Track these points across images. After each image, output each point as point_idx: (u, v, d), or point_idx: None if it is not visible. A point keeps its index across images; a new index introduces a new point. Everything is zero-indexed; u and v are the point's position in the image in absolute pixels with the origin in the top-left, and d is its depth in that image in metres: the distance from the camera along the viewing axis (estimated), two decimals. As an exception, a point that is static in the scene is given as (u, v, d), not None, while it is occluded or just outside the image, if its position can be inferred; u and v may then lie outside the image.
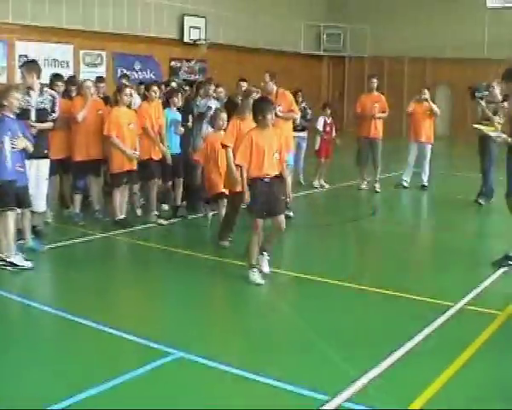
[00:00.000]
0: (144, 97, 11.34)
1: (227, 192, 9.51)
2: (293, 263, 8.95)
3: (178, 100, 11.05)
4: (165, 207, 11.63)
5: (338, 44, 30.92)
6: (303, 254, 9.56)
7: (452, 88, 27.63)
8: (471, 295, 7.14)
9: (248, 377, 5.06)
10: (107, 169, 10.90)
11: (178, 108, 11.16)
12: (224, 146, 8.85)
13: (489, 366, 5.46)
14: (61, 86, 10.57)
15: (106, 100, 11.45)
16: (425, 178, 14.87)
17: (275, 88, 10.56)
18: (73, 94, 10.91)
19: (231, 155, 8.54)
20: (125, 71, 20.41)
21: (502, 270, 8.24)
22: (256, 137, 7.68)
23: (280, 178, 7.81)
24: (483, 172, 12.79)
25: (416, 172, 14.55)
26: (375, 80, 14.39)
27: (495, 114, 12.22)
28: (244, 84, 12.19)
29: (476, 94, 12.74)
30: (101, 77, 12.89)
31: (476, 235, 11.14)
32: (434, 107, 15.02)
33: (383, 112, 14.36)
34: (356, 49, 30.61)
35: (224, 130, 9.49)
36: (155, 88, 10.82)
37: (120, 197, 10.54)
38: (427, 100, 14.88)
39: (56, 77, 10.78)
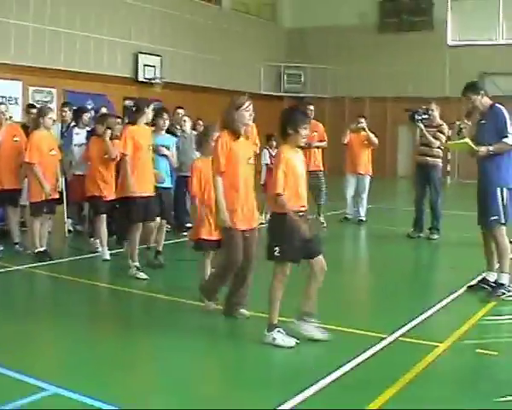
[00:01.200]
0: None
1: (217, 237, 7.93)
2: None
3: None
4: (93, 240, 11.18)
5: (298, 85, 30.79)
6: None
7: (414, 127, 27.30)
8: (408, 327, 6.99)
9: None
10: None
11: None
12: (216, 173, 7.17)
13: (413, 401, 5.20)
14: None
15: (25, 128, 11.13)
16: (362, 212, 14.66)
17: None
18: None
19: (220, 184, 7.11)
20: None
21: (444, 302, 8.15)
22: (291, 157, 6.55)
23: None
24: (431, 206, 12.59)
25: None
26: (311, 107, 13.53)
27: (434, 138, 12.23)
28: (181, 111, 11.96)
29: (416, 117, 12.52)
30: (32, 104, 12.41)
31: (421, 267, 11.23)
32: (372, 136, 14.67)
33: (321, 140, 13.83)
34: (316, 90, 30.41)
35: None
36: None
37: (41, 228, 10.16)
38: (364, 129, 14.53)
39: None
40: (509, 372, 5.90)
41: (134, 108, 9.60)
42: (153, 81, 23.72)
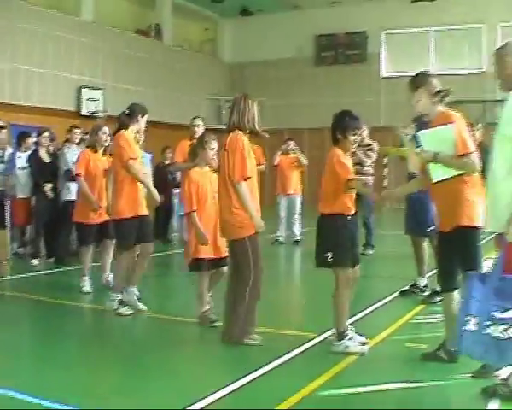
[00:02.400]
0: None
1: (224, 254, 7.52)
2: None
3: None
4: (35, 261, 11.43)
5: (238, 118, 31.23)
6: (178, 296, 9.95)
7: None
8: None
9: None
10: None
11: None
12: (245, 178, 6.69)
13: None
14: None
15: None
16: (297, 232, 14.85)
17: None
18: None
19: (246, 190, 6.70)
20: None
21: (376, 305, 8.63)
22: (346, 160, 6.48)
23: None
24: (364, 222, 12.93)
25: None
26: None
27: (365, 156, 12.44)
28: (77, 131, 12.14)
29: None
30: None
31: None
32: (302, 157, 15.07)
33: (259, 164, 14.23)
34: (256, 122, 30.84)
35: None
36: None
37: None
38: (293, 151, 14.90)
39: None
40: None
41: (127, 112, 8.72)
42: (95, 115, 23.89)
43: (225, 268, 7.53)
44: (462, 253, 5.90)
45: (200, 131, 11.17)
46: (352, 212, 6.57)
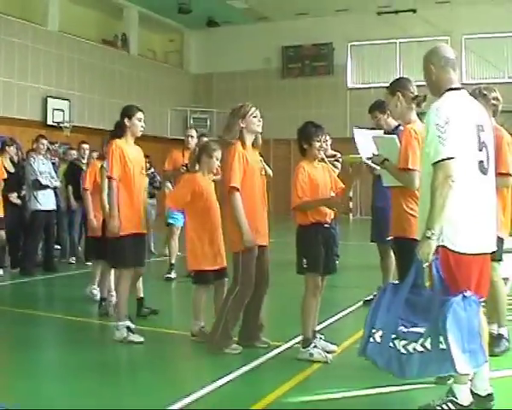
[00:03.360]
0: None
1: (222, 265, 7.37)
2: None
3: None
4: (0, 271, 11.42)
5: (204, 128, 31.26)
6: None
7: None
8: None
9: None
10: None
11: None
12: (233, 188, 6.68)
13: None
14: None
15: None
16: None
17: None
18: None
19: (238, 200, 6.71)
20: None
21: (348, 309, 8.95)
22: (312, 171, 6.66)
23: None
24: None
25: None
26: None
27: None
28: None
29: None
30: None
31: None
32: (267, 168, 15.07)
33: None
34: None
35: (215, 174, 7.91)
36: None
37: None
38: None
39: None
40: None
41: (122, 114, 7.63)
42: (62, 125, 23.84)
43: (225, 280, 7.40)
44: (397, 263, 6.20)
45: (193, 141, 11.08)
46: (328, 219, 6.65)
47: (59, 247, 13.70)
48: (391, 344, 4.83)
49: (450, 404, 4.94)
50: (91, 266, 10.06)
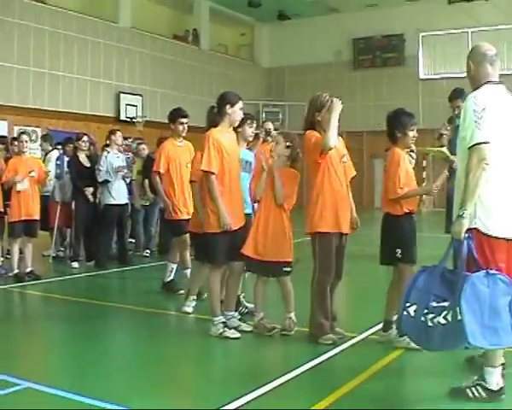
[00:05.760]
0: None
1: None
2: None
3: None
4: (75, 264, 11.78)
5: (277, 122, 31.26)
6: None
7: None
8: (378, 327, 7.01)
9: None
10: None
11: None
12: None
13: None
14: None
15: None
16: None
17: None
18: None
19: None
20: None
21: None
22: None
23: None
24: None
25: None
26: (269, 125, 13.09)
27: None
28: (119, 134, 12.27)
29: None
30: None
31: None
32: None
33: None
34: (295, 126, 30.85)
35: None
36: None
37: (26, 250, 10.54)
38: None
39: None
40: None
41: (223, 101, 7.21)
42: (134, 120, 24.15)
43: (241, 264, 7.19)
44: None
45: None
46: (415, 210, 6.62)
47: (133, 240, 13.80)
48: (422, 318, 4.92)
49: (479, 388, 5.04)
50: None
